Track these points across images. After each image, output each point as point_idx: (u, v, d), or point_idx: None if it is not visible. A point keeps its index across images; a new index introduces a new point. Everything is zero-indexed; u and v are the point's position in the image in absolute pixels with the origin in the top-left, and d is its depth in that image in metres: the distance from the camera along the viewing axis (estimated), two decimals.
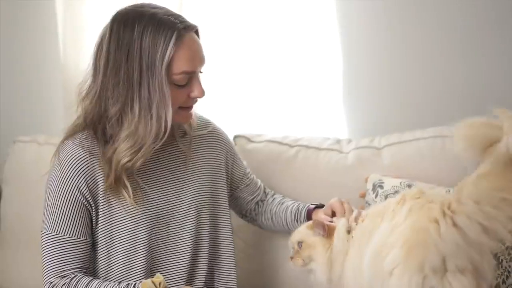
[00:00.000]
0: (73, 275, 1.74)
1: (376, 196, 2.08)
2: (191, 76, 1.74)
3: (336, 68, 2.46)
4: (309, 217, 1.95)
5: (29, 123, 2.65)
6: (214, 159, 1.95)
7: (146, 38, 1.68)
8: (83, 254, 1.77)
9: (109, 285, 1.72)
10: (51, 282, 1.74)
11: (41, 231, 1.79)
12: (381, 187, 2.09)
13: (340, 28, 2.43)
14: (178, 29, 1.69)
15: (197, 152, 1.92)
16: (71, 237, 1.75)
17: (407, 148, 2.18)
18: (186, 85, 1.74)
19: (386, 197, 2.04)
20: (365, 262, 1.57)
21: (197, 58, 1.75)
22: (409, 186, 2.05)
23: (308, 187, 2.21)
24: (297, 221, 1.98)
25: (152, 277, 1.65)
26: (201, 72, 1.78)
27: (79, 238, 1.76)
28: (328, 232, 1.72)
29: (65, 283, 1.73)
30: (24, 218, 2.34)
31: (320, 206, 1.96)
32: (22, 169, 2.38)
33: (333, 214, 1.84)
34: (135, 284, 1.69)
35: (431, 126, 2.22)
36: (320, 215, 1.88)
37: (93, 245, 1.79)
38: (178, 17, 1.74)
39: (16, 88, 2.71)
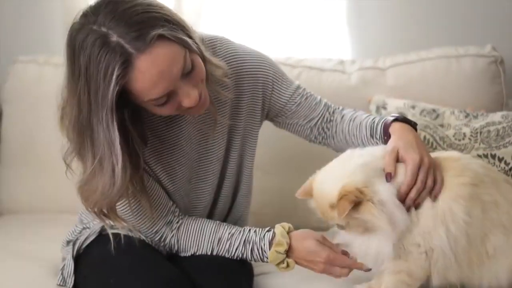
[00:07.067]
0: (175, 219, 1.62)
1: None
2: (171, 92, 1.38)
3: None
4: (385, 132, 1.61)
5: (28, 43, 2.62)
6: (249, 101, 1.68)
7: (91, 69, 1.31)
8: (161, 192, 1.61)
9: (235, 230, 1.60)
10: (159, 234, 1.60)
11: None
12: (385, 108, 2.08)
13: None
14: (125, 54, 1.30)
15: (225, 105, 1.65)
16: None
17: (412, 69, 2.17)
18: (169, 101, 1.40)
19: None
20: None
21: (164, 79, 1.34)
22: (413, 107, 2.04)
23: None
24: (372, 137, 1.65)
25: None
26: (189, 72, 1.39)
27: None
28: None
29: (173, 232, 1.61)
30: (25, 138, 2.34)
31: (401, 119, 1.61)
32: (22, 89, 2.36)
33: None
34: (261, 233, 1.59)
35: (437, 47, 2.20)
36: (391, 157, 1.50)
37: None
38: (135, 26, 1.30)
39: (15, 6, 2.66)
